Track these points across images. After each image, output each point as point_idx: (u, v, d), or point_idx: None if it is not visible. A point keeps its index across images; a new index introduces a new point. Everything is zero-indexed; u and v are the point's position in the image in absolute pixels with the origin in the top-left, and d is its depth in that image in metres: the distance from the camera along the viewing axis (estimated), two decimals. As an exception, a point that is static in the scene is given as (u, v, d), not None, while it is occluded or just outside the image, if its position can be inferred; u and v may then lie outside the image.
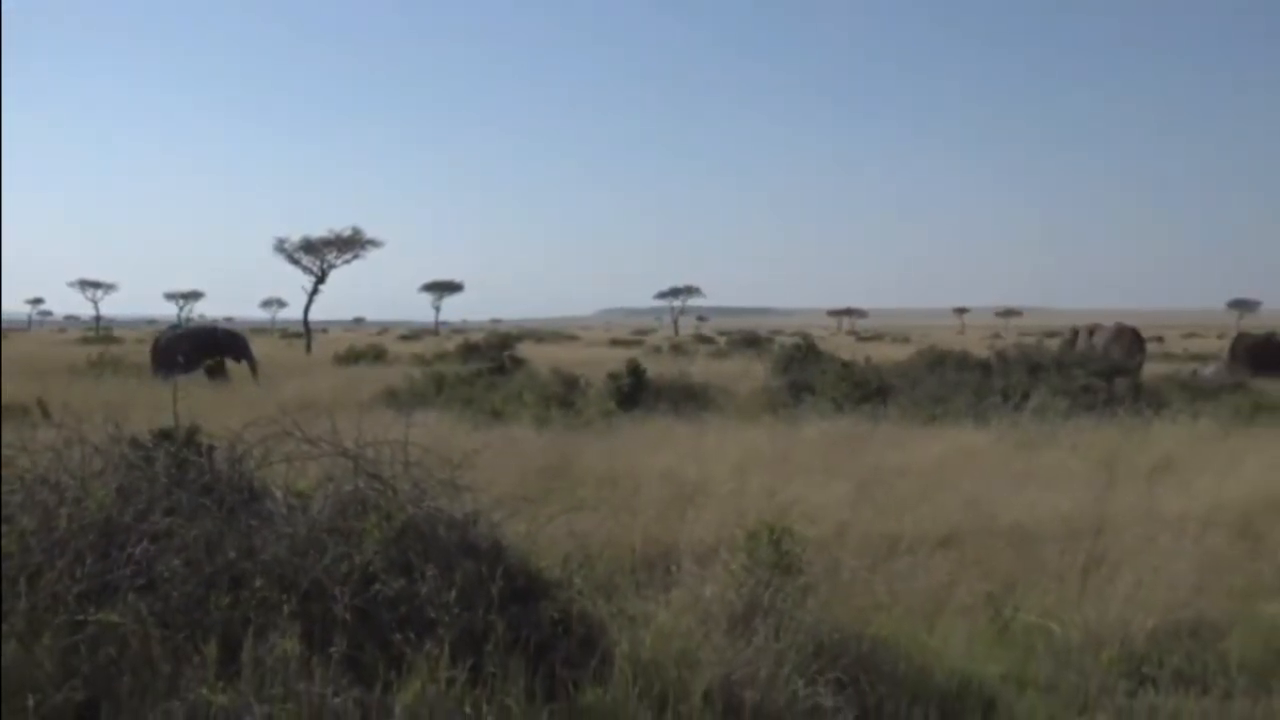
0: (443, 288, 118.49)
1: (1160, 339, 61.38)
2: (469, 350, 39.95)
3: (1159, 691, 6.18)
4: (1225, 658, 6.56)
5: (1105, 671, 6.34)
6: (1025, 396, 19.44)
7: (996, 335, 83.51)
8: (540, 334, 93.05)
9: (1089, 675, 6.27)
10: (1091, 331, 33.26)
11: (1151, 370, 27.99)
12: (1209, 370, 29.61)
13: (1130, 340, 32.06)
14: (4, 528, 5.44)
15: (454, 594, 5.33)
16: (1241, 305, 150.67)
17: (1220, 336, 50.37)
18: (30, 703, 4.63)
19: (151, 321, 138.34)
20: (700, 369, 28.50)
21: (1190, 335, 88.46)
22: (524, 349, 42.99)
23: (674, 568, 7.38)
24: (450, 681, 4.94)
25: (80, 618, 5.04)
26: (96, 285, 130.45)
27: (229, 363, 29.00)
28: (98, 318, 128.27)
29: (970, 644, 6.51)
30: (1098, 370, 23.17)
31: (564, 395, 19.98)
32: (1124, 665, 6.45)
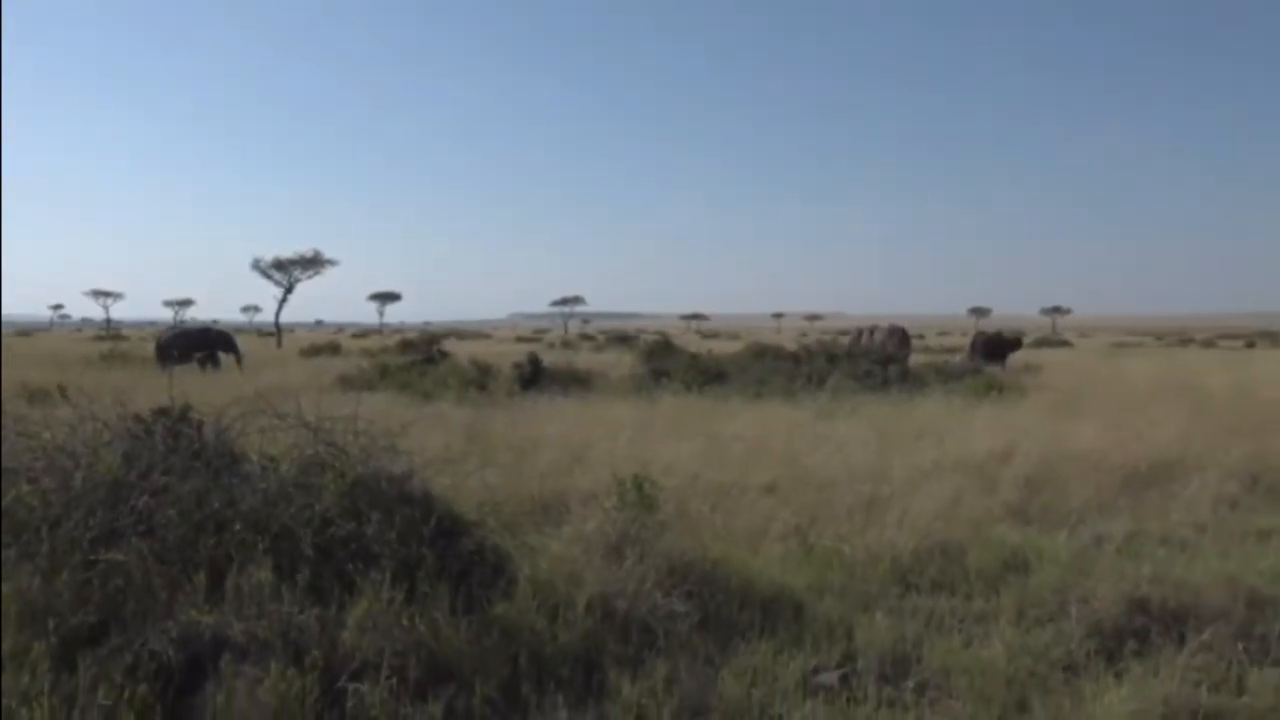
0: (385, 296, 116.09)
1: (922, 336, 63.02)
2: (406, 345, 39.27)
3: (920, 594, 6.33)
4: (966, 569, 6.72)
5: (881, 580, 6.47)
6: (824, 380, 19.77)
7: (804, 334, 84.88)
8: (462, 333, 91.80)
9: (870, 583, 6.40)
10: (872, 331, 33.94)
11: (915, 360, 28.69)
12: (956, 359, 30.51)
13: (900, 337, 32.80)
14: (27, 488, 5.24)
15: (394, 533, 5.25)
16: (978, 311, 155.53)
17: (963, 334, 52.03)
18: (51, 625, 4.44)
19: (153, 323, 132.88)
20: (584, 359, 28.46)
21: (943, 334, 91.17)
22: (449, 345, 42.34)
23: (564, 510, 7.38)
24: (391, 601, 4.86)
25: (92, 558, 4.88)
26: (107, 294, 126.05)
27: (220, 355, 28.30)
28: (108, 320, 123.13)
29: (784, 563, 6.59)
30: (877, 360, 23.66)
31: (480, 380, 19.74)
32: (894, 575, 6.58)
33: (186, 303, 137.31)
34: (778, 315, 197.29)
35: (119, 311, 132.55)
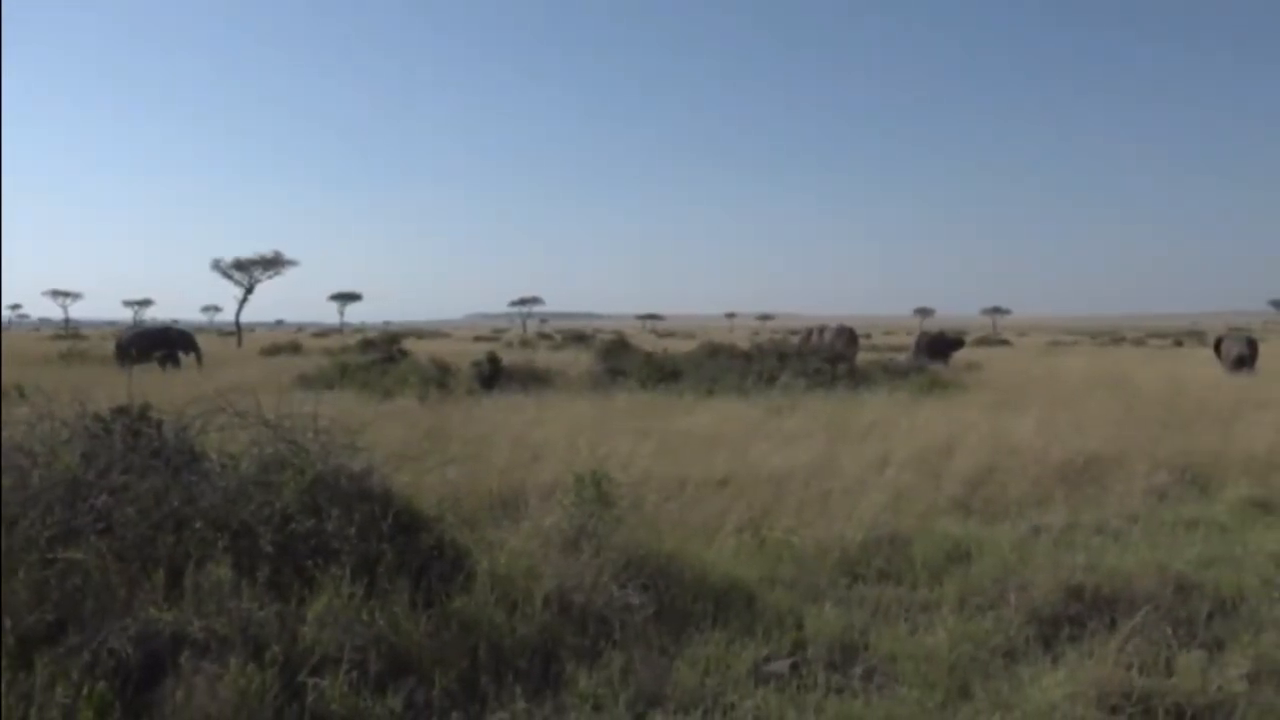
0: (346, 297, 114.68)
1: (869, 336, 63.55)
2: (366, 345, 38.90)
3: (867, 584, 6.39)
4: (912, 559, 6.79)
5: (830, 571, 6.52)
6: (775, 377, 19.87)
7: (756, 333, 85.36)
8: (421, 333, 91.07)
9: (819, 574, 6.44)
10: (821, 330, 34.19)
11: (863, 358, 28.95)
12: (902, 358, 30.85)
13: (849, 336, 33.08)
14: None
15: (353, 529, 5.18)
16: (922, 311, 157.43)
17: (908, 334, 52.71)
18: (8, 624, 4.33)
19: (112, 323, 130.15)
20: (542, 358, 28.33)
21: (889, 333, 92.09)
22: (409, 344, 42.02)
23: (522, 505, 7.34)
24: (351, 596, 4.81)
25: (50, 556, 4.74)
26: (65, 294, 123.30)
27: (180, 355, 27.82)
28: (66, 320, 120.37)
29: (737, 555, 6.61)
30: (826, 358, 23.84)
31: (440, 378, 19.58)
32: (843, 567, 6.63)
33: (146, 303, 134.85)
34: (730, 315, 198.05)
35: (78, 311, 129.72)
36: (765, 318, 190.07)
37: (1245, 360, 26.61)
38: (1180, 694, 4.64)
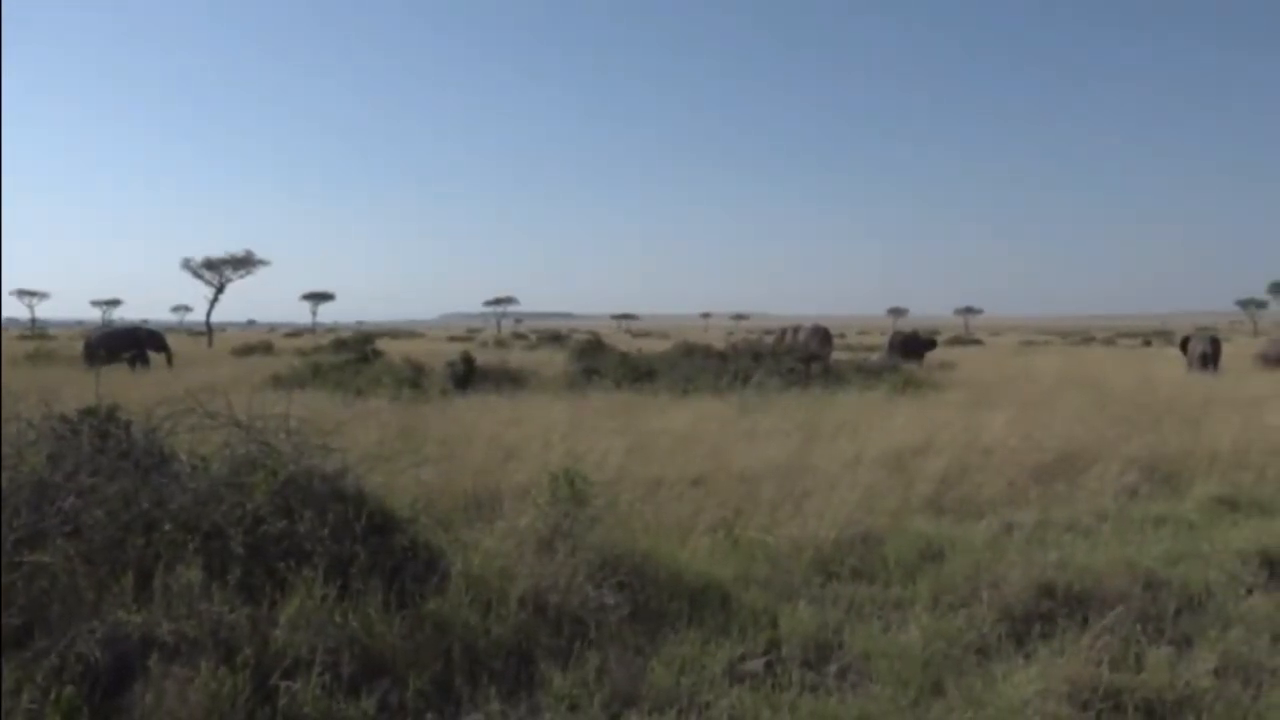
0: (318, 296, 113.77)
1: (843, 335, 63.98)
2: (339, 345, 38.63)
3: (841, 582, 6.42)
4: (885, 558, 6.83)
5: (804, 570, 6.55)
6: (749, 377, 19.89)
7: (731, 333, 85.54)
8: (395, 332, 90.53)
9: (793, 573, 6.47)
10: (796, 330, 34.34)
11: (837, 358, 29.10)
12: (875, 358, 31.00)
13: (823, 336, 33.24)
14: None
15: (326, 531, 5.14)
16: (896, 311, 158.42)
17: (882, 334, 53.09)
18: None
19: (80, 323, 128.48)
20: (516, 358, 28.27)
21: (863, 333, 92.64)
22: (382, 344, 41.77)
23: (497, 505, 7.31)
24: (324, 598, 4.77)
25: (17, 559, 4.67)
26: (32, 293, 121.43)
27: (150, 355, 27.53)
28: (33, 320, 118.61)
29: (712, 554, 6.61)
30: (800, 358, 23.92)
31: (413, 378, 19.49)
32: (817, 565, 6.65)
33: (114, 302, 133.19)
34: (705, 315, 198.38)
35: (44, 311, 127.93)
36: (740, 317, 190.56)
37: (1209, 359, 26.99)
38: (1149, 689, 4.69)
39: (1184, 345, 29.26)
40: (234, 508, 5.22)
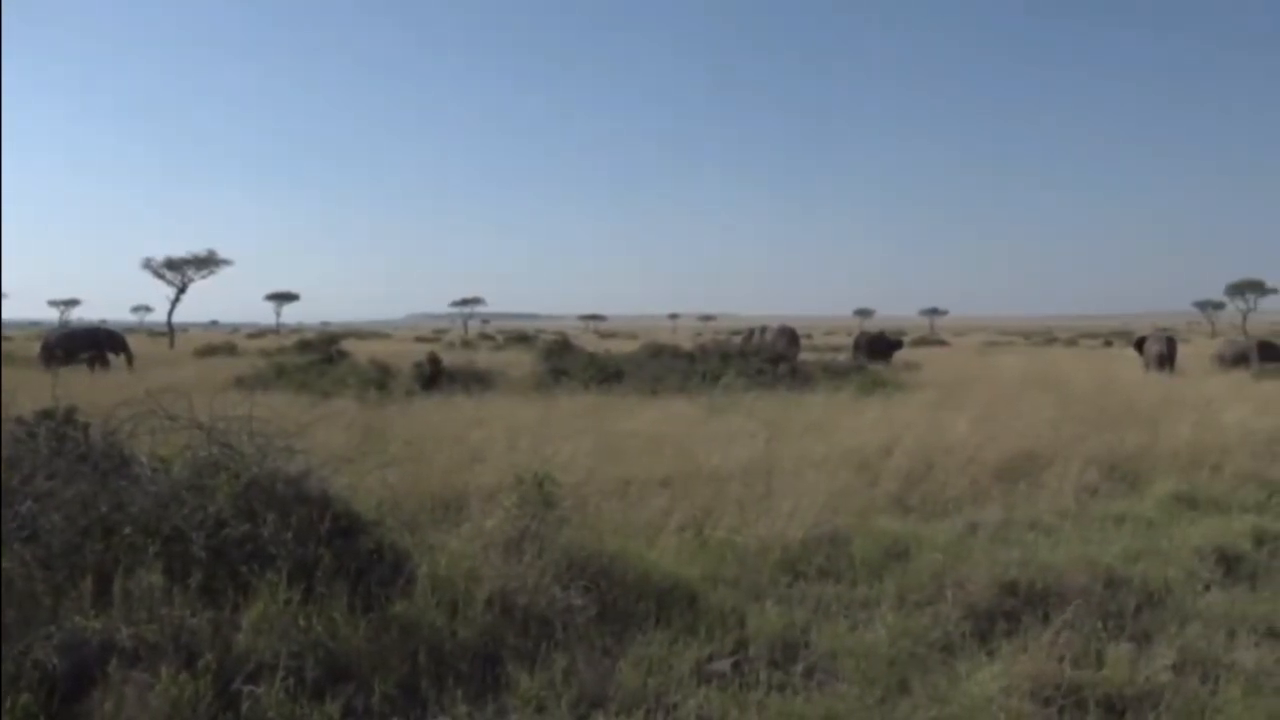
0: (282, 297, 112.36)
1: (810, 336, 64.19)
2: (304, 346, 38.28)
3: (809, 582, 6.44)
4: (851, 557, 6.85)
5: (772, 570, 6.56)
6: (718, 377, 19.92)
7: (699, 334, 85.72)
8: (361, 333, 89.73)
9: (761, 573, 6.48)
10: (763, 330, 34.46)
11: (804, 358, 29.22)
12: (842, 358, 31.20)
13: (790, 337, 33.38)
14: None
15: (290, 534, 5.08)
16: (863, 312, 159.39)
17: (849, 334, 53.45)
18: None
19: (36, 324, 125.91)
20: (484, 359, 28.14)
21: (830, 333, 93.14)
22: (348, 345, 41.42)
23: (464, 507, 7.27)
24: (288, 601, 4.72)
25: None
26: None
27: (110, 356, 27.10)
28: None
29: (680, 555, 6.60)
30: (768, 358, 23.99)
31: (379, 379, 19.33)
32: (784, 565, 6.66)
33: (73, 303, 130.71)
34: (673, 316, 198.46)
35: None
36: (708, 318, 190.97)
37: (1165, 359, 27.45)
38: (1110, 685, 4.76)
39: (1139, 346, 29.72)
40: (195, 511, 5.15)
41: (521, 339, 59.49)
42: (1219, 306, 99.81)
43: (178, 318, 60.20)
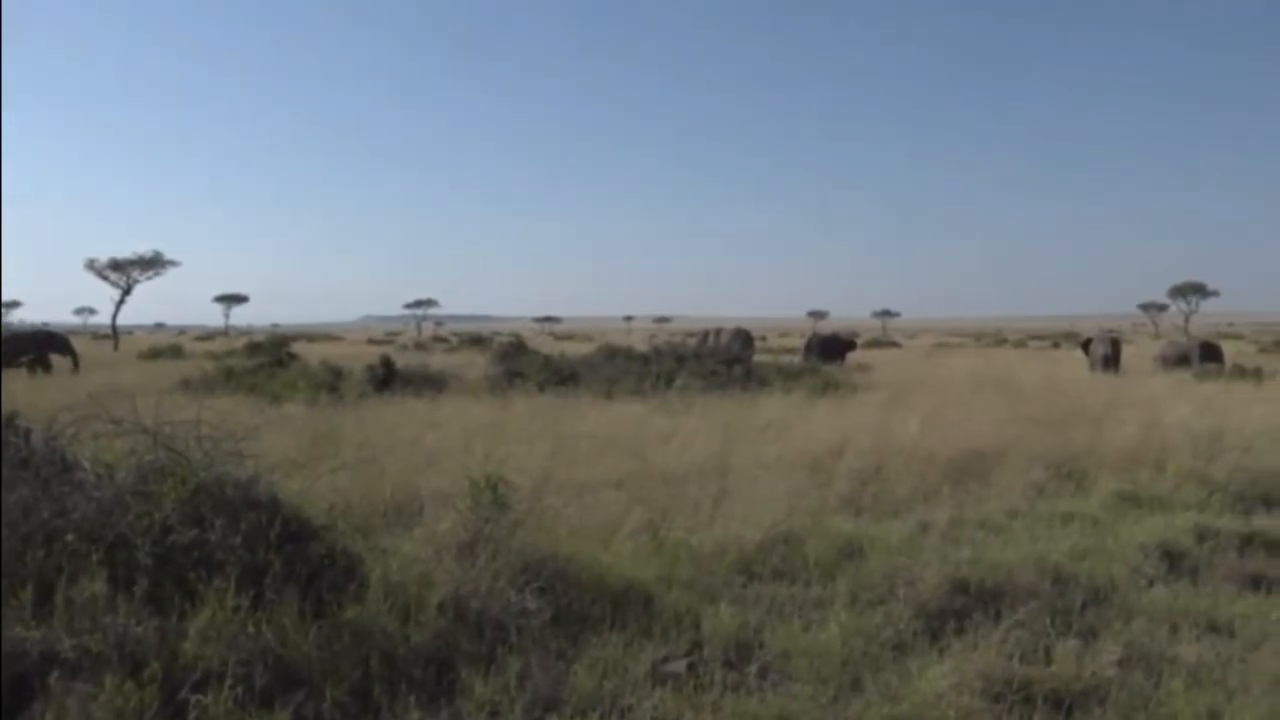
0: (231, 299, 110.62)
1: (764, 338, 64.60)
2: (253, 348, 37.57)
3: (763, 582, 6.48)
4: (805, 557, 6.89)
5: (727, 571, 6.59)
6: (673, 379, 19.95)
7: (654, 336, 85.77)
8: (312, 335, 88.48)
9: (716, 574, 6.51)
10: (718, 332, 34.60)
11: (758, 360, 29.37)
12: (797, 359, 31.43)
13: (745, 338, 33.57)
14: None
15: (239, 539, 4.99)
16: (816, 314, 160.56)
17: (802, 336, 53.77)
18: None
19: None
20: (437, 361, 27.94)
21: (784, 335, 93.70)
22: (299, 347, 40.85)
23: (417, 511, 7.20)
24: (236, 608, 4.64)
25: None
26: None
27: (55, 358, 26.49)
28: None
29: (635, 557, 6.60)
30: (722, 360, 24.09)
31: (331, 382, 19.07)
32: (739, 566, 6.70)
33: (13, 304, 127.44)
34: (628, 318, 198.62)
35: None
36: (663, 320, 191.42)
37: (1110, 360, 28.04)
38: (1057, 680, 4.85)
39: (1086, 347, 30.32)
40: (141, 517, 5.04)
41: (476, 341, 59.14)
42: (1162, 308, 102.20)
43: (123, 320, 58.98)
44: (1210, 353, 28.80)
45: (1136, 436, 11.96)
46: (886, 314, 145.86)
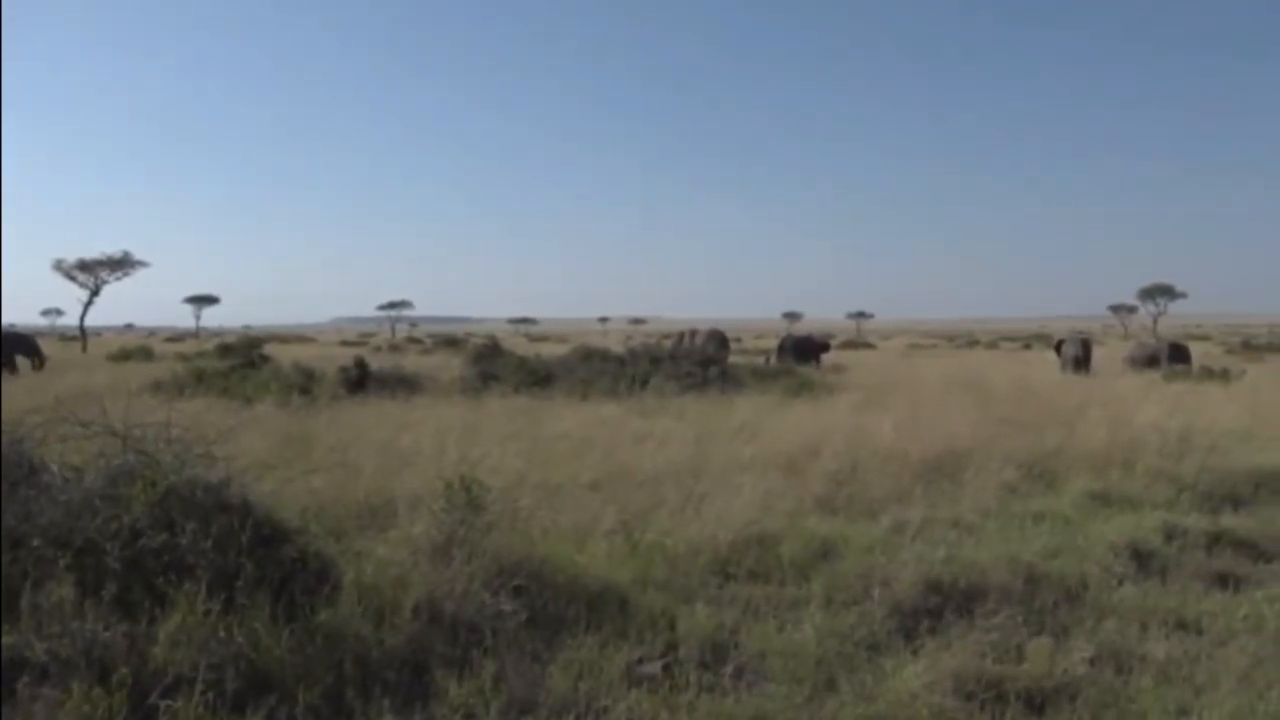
0: (202, 300, 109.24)
1: (739, 339, 64.66)
2: (225, 350, 37.13)
3: (738, 583, 6.49)
4: (780, 558, 6.91)
5: (702, 572, 6.60)
6: (648, 380, 19.91)
7: (629, 337, 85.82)
8: (284, 337, 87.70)
9: (691, 575, 6.51)
10: (693, 334, 34.61)
11: (734, 361, 29.38)
12: (772, 361, 31.51)
13: (720, 340, 33.59)
14: None
15: (210, 543, 4.93)
16: (791, 316, 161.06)
17: (777, 337, 53.95)
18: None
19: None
20: (412, 363, 27.78)
21: (759, 337, 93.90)
22: (271, 349, 40.40)
23: (391, 513, 7.16)
24: (207, 613, 4.59)
25: None
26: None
27: (20, 359, 26.10)
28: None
29: (610, 558, 6.59)
30: (698, 361, 24.07)
31: (304, 384, 18.90)
32: (715, 566, 6.71)
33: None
34: (604, 319, 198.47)
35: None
36: (638, 321, 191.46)
37: (1081, 361, 28.34)
38: (1029, 679, 4.90)
39: (1058, 348, 30.63)
40: (109, 521, 4.98)
41: (450, 342, 58.82)
42: (1132, 310, 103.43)
43: (91, 321, 58.18)
44: (1179, 354, 29.16)
45: (1107, 437, 12.09)
46: (861, 315, 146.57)
